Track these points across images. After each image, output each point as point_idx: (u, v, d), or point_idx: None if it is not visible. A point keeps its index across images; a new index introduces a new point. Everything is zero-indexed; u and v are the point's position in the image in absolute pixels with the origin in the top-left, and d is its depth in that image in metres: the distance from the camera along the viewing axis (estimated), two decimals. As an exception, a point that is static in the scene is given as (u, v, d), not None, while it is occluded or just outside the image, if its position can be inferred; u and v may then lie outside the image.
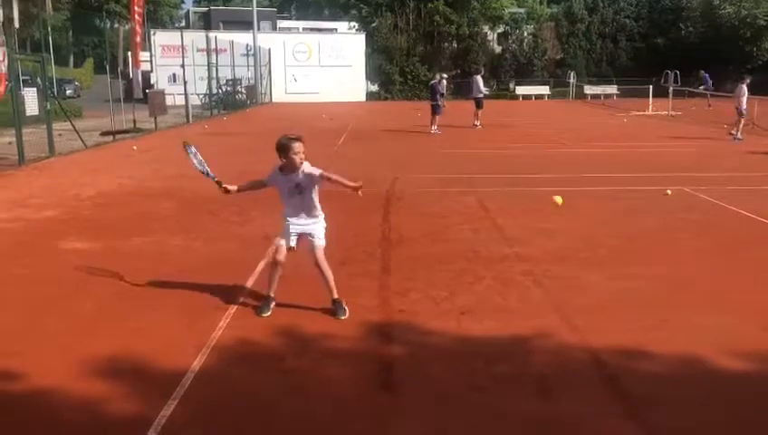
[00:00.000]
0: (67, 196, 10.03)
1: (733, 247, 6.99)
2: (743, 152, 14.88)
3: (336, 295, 5.03)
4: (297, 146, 4.78)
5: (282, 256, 4.96)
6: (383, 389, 3.89)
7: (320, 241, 5.01)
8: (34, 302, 5.36)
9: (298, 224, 4.99)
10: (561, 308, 5.12)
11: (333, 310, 4.98)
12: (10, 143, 13.90)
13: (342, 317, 4.91)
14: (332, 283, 5.04)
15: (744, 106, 18.02)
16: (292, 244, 5.00)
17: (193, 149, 5.20)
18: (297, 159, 4.78)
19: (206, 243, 7.19)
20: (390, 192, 10.09)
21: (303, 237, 5.02)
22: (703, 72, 32.69)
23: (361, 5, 45.83)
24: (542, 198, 9.72)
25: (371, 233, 7.56)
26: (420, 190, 10.23)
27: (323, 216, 5.10)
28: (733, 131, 18.01)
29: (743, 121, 18.08)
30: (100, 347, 4.38)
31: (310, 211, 4.99)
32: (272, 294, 5.05)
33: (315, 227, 5.02)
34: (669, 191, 9.71)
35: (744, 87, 18.18)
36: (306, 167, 4.84)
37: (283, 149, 4.80)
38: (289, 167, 4.83)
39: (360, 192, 5.05)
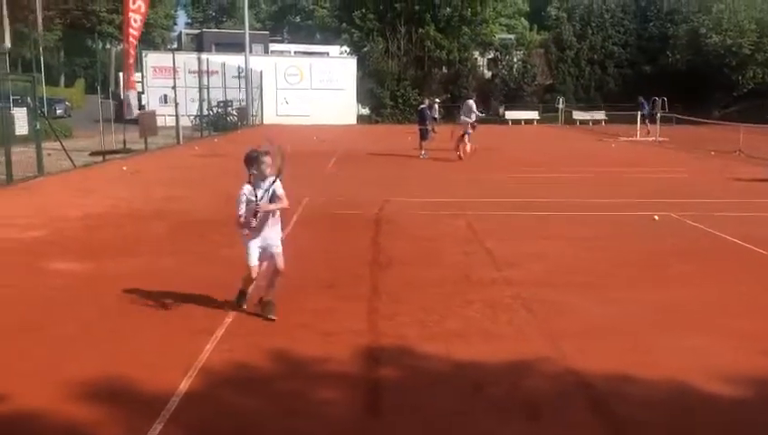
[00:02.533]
0: (55, 216, 9.97)
1: (720, 273, 7.04)
2: (729, 179, 15.04)
3: (271, 298, 5.40)
4: (266, 159, 5.18)
5: (254, 274, 5.38)
6: (371, 412, 3.87)
7: (279, 248, 5.38)
8: (18, 323, 5.31)
9: (261, 238, 5.31)
10: (550, 332, 5.13)
11: (261, 309, 5.38)
12: (-2, 163, 13.84)
13: (271, 317, 5.28)
14: (277, 285, 5.41)
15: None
16: (257, 261, 5.40)
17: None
18: (265, 168, 5.17)
19: (194, 265, 7.16)
20: (380, 215, 10.11)
21: (266, 250, 5.37)
22: (641, 98, 32.75)
23: (353, 30, 46.18)
24: (531, 222, 9.77)
25: (360, 255, 7.56)
26: (410, 213, 10.25)
27: (279, 220, 5.48)
28: None
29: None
30: (86, 369, 4.33)
31: (270, 223, 5.33)
32: (248, 291, 5.57)
33: (273, 234, 5.37)
34: (657, 217, 9.78)
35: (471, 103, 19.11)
36: (274, 183, 5.21)
37: (253, 161, 5.19)
38: (259, 177, 5.18)
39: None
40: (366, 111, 45.55)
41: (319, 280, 6.42)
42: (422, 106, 21.74)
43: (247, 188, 5.21)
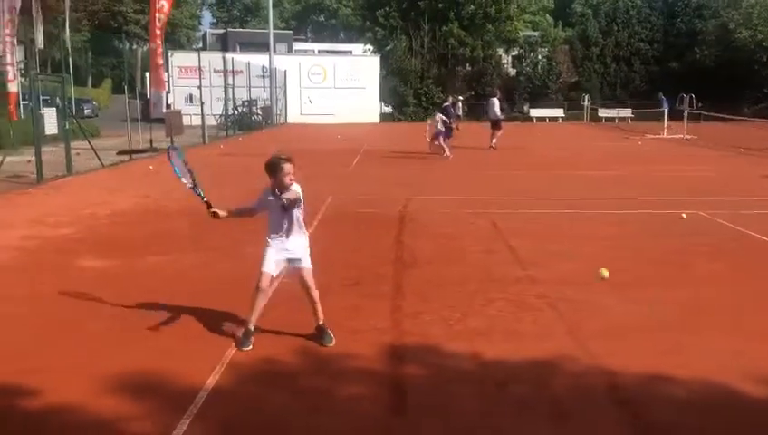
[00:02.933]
0: (84, 214, 10.14)
1: (750, 272, 6.92)
2: (759, 177, 14.78)
3: (321, 321, 4.89)
4: (288, 167, 4.65)
5: (266, 283, 4.78)
6: (396, 411, 3.88)
7: (307, 265, 4.86)
8: (51, 319, 5.41)
9: (282, 248, 4.81)
10: (575, 331, 5.09)
11: (318, 336, 4.83)
12: (29, 162, 14.09)
13: (329, 344, 4.76)
14: (319, 307, 4.90)
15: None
16: (275, 273, 4.88)
17: (177, 154, 5.02)
18: (287, 180, 4.64)
19: (220, 262, 7.23)
20: (403, 213, 10.11)
21: (289, 264, 4.88)
22: (661, 94, 32.28)
23: (376, 28, 46.24)
24: (556, 220, 9.70)
25: (384, 254, 7.57)
26: (433, 211, 10.24)
27: (307, 235, 4.99)
28: None
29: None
30: (116, 364, 4.40)
31: (295, 231, 4.83)
32: (251, 327, 4.80)
33: (299, 249, 4.85)
34: (685, 215, 9.65)
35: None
36: (296, 187, 4.69)
37: (274, 169, 4.66)
38: (279, 188, 4.68)
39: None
40: (389, 110, 45.58)
41: (343, 278, 6.44)
42: (446, 104, 21.69)
43: (266, 194, 4.82)
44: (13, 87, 14.24)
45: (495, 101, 22.96)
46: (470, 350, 4.73)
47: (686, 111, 27.86)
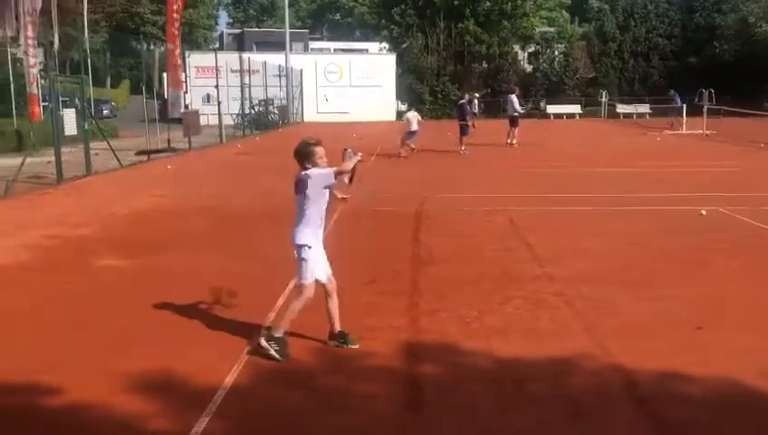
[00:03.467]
0: (103, 214, 10.25)
1: (769, 269, 6.84)
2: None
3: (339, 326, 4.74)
4: (319, 150, 4.49)
5: (313, 292, 4.59)
6: (413, 409, 3.89)
7: (329, 268, 4.74)
8: (71, 318, 5.48)
9: (319, 241, 4.61)
10: (593, 329, 5.07)
11: (341, 339, 4.71)
12: (49, 162, 14.25)
13: (356, 345, 4.67)
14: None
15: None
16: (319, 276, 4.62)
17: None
18: (322, 163, 4.48)
19: (237, 261, 7.27)
20: (420, 211, 10.11)
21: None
22: (672, 90, 32.03)
23: (392, 26, 46.19)
24: (574, 217, 9.65)
25: (401, 252, 7.58)
26: (450, 209, 10.23)
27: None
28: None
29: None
30: (135, 363, 4.46)
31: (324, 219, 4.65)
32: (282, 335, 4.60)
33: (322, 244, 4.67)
34: (704, 211, 9.56)
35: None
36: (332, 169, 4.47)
37: (306, 154, 4.48)
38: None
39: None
40: (405, 108, 45.56)
41: (360, 276, 6.45)
42: (462, 101, 21.65)
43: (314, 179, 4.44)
44: (34, 89, 14.43)
45: (514, 97, 22.86)
46: (487, 348, 4.73)
47: (705, 107, 27.56)
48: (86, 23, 23.08)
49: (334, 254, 5.05)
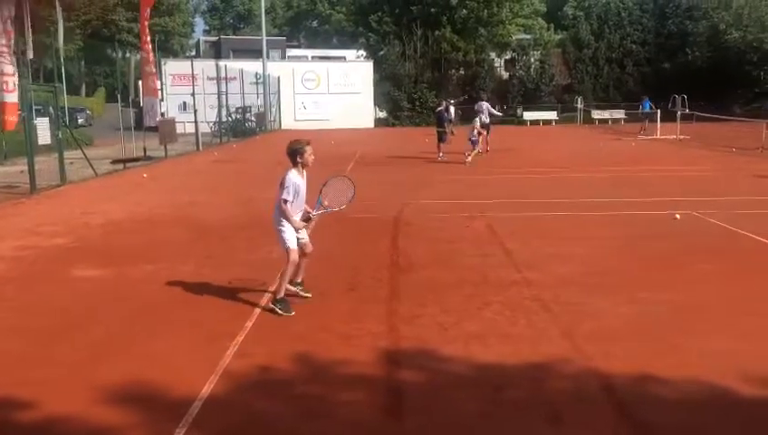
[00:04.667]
0: (78, 223, 10.11)
1: (743, 272, 6.94)
2: (752, 176, 14.84)
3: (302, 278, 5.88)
4: (310, 148, 5.49)
5: (297, 256, 5.61)
6: (392, 415, 3.88)
7: (306, 238, 5.80)
8: (46, 329, 5.39)
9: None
10: (570, 334, 5.10)
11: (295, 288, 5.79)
12: (22, 172, 14.06)
13: (308, 294, 5.82)
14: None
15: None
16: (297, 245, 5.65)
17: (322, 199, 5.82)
18: (311, 161, 5.50)
19: (214, 269, 7.21)
20: (399, 218, 10.12)
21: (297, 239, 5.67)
22: (645, 97, 32.81)
23: (369, 34, 46.32)
24: (551, 222, 9.72)
25: (380, 258, 7.57)
26: (429, 216, 10.25)
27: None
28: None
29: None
30: (111, 374, 4.39)
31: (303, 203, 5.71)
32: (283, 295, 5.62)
33: (305, 231, 5.80)
34: (678, 215, 9.68)
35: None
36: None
37: (299, 152, 5.43)
38: (304, 167, 5.50)
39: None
40: (383, 115, 45.63)
41: (339, 283, 6.44)
42: (439, 108, 21.72)
43: (294, 174, 5.45)
44: (12, 97, 14.16)
45: (483, 104, 22.87)
46: (466, 353, 4.74)
47: (678, 112, 27.98)
48: (61, 30, 22.76)
49: (314, 261, 5.05)
